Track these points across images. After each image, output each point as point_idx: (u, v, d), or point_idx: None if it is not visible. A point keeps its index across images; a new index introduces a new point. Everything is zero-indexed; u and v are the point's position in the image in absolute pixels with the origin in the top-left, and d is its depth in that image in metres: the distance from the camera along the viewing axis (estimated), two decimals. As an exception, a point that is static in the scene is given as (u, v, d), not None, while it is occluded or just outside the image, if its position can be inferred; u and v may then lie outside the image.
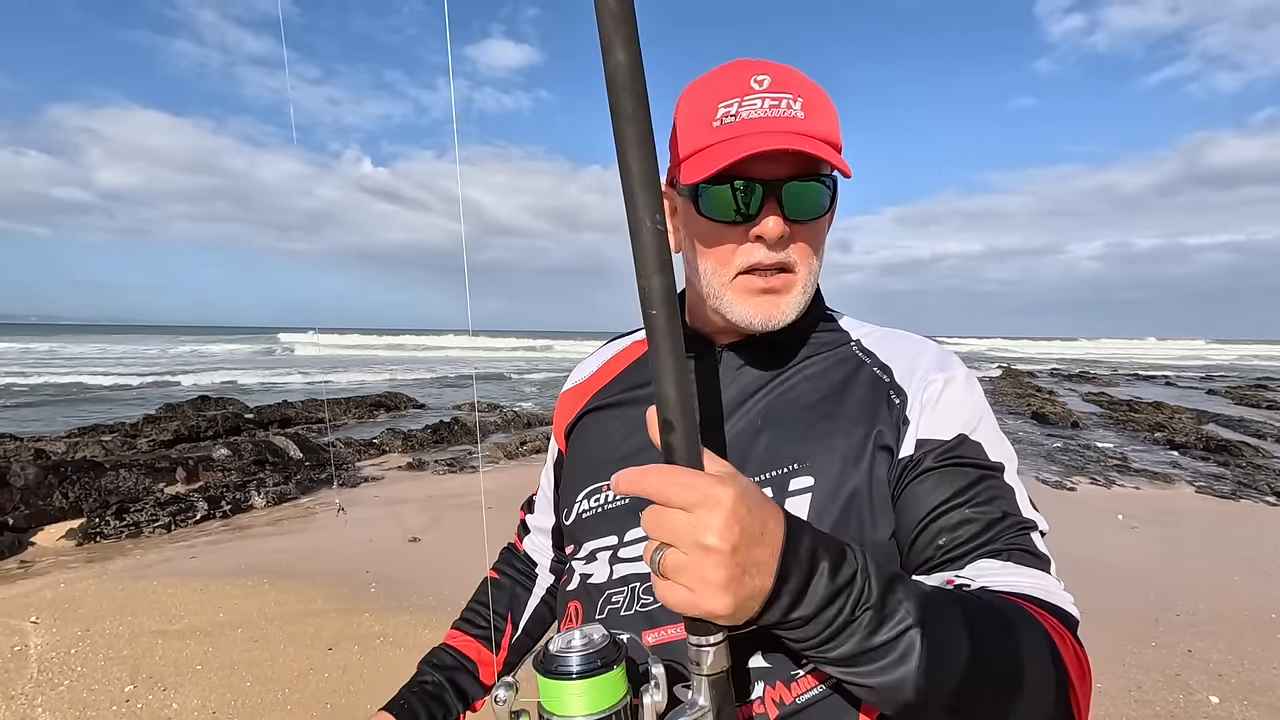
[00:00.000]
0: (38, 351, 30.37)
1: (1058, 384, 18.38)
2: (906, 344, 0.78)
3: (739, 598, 0.47)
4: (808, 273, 0.71)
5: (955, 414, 0.69)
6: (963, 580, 0.61)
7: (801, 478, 0.68)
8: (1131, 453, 8.55)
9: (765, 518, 0.49)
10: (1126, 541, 5.09)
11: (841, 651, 0.50)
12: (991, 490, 0.66)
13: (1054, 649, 0.54)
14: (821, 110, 0.68)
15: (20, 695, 2.78)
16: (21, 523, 5.14)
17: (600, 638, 0.55)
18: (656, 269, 0.51)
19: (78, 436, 8.25)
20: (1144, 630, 3.54)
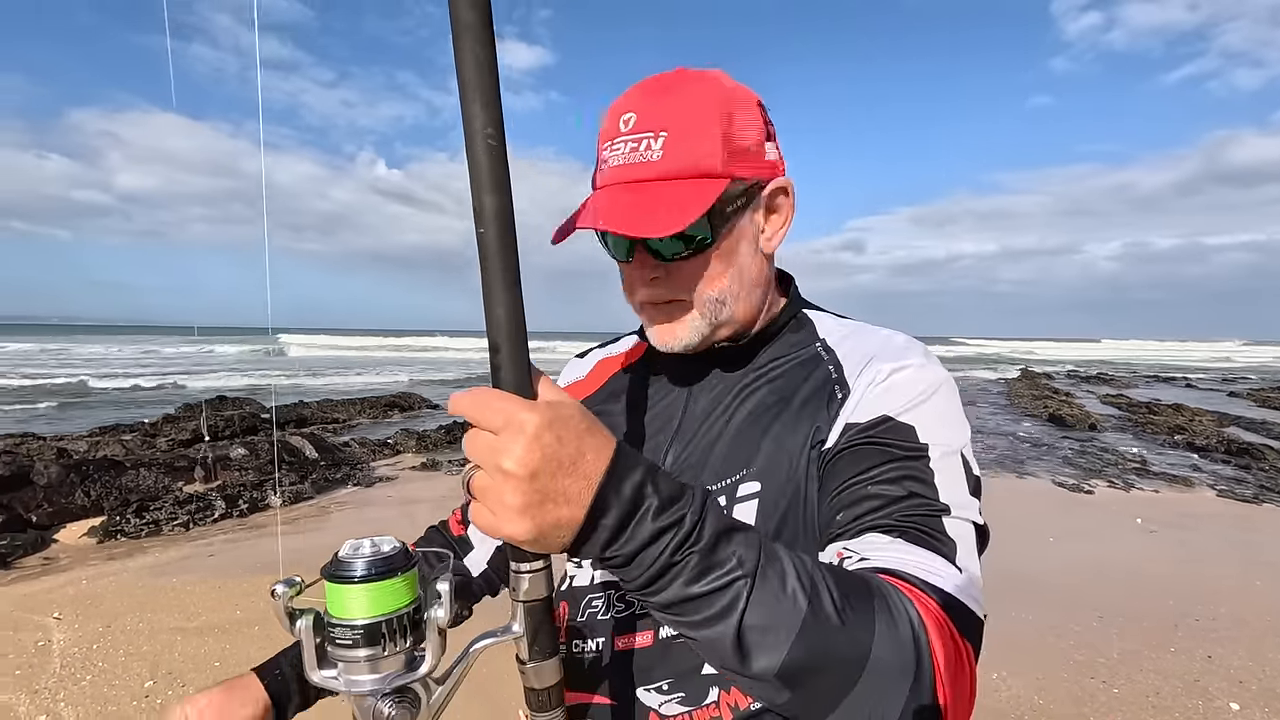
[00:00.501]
0: (59, 352, 30.88)
1: (1075, 386, 18.17)
2: (870, 339, 0.76)
3: (540, 525, 0.46)
4: (703, 301, 0.72)
5: (887, 399, 0.67)
6: (849, 553, 0.59)
7: (750, 483, 0.70)
8: (1151, 455, 8.44)
9: (582, 448, 0.47)
10: (1145, 545, 5.02)
11: (664, 597, 0.48)
12: (902, 469, 0.63)
13: (916, 632, 0.50)
14: (691, 137, 0.67)
15: (44, 690, 2.84)
16: (44, 520, 5.23)
17: (390, 548, 0.54)
18: (490, 187, 0.49)
19: (98, 436, 8.38)
20: (1163, 635, 3.49)
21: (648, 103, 0.69)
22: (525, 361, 0.51)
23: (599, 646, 0.75)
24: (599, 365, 0.95)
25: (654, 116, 0.68)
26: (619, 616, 0.74)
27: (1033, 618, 3.68)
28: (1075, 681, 3.05)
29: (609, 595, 0.75)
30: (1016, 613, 3.74)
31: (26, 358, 27.32)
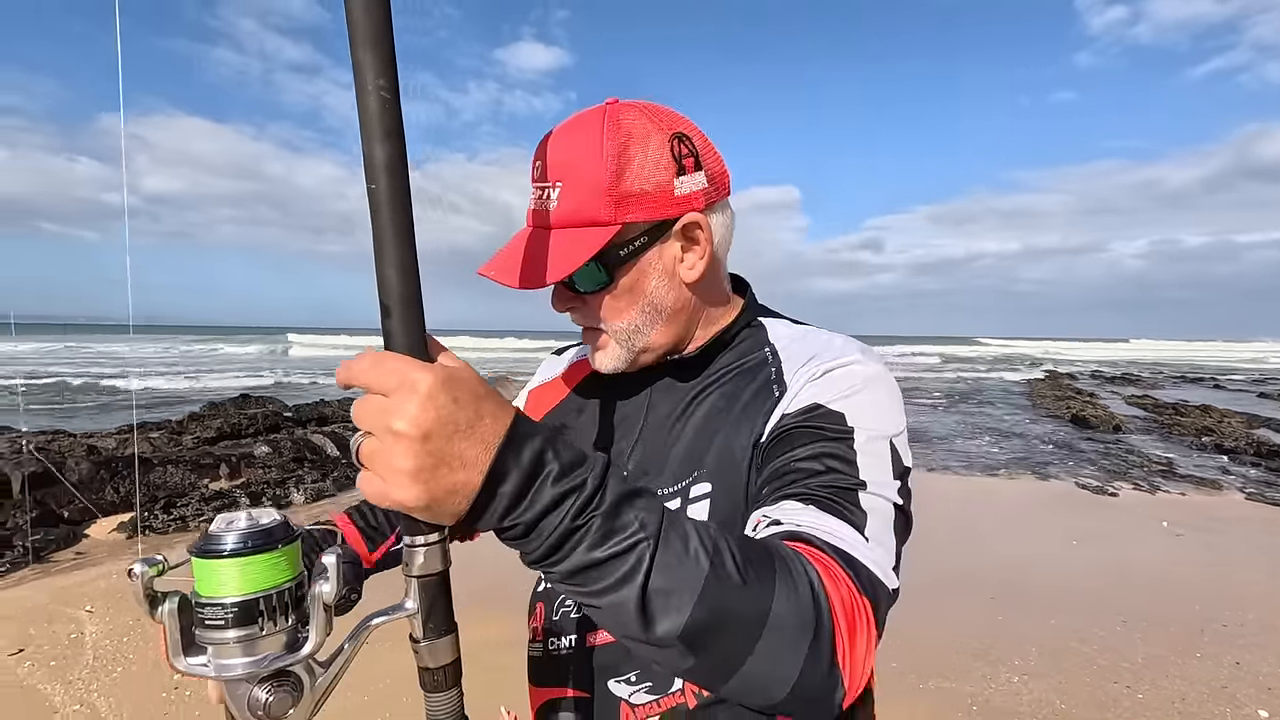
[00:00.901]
0: (83, 350, 31.56)
1: (1099, 386, 17.88)
2: (813, 342, 0.79)
3: (433, 491, 0.44)
4: (621, 328, 0.77)
5: (818, 390, 0.70)
6: (764, 518, 0.61)
7: (702, 484, 0.74)
8: (1177, 457, 8.29)
9: (480, 411, 0.45)
10: (1171, 549, 4.94)
11: (566, 565, 0.47)
12: (825, 448, 0.65)
13: (816, 592, 0.51)
14: (581, 184, 0.71)
15: (78, 680, 2.91)
16: (75, 516, 5.37)
17: (269, 520, 0.50)
18: (379, 137, 0.47)
19: (126, 433, 8.56)
20: (1189, 640, 3.44)
21: (551, 151, 0.73)
22: (419, 323, 0.49)
23: (572, 643, 0.79)
24: (573, 367, 0.99)
25: (552, 167, 0.72)
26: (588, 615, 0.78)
27: (1055, 621, 3.64)
28: (1098, 686, 3.01)
29: None
30: (1038, 616, 3.70)
31: (54, 356, 27.97)
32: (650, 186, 0.71)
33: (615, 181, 0.70)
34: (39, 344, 36.41)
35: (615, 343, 0.78)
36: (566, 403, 0.94)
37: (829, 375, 0.71)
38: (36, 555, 4.52)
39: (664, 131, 0.72)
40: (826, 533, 0.57)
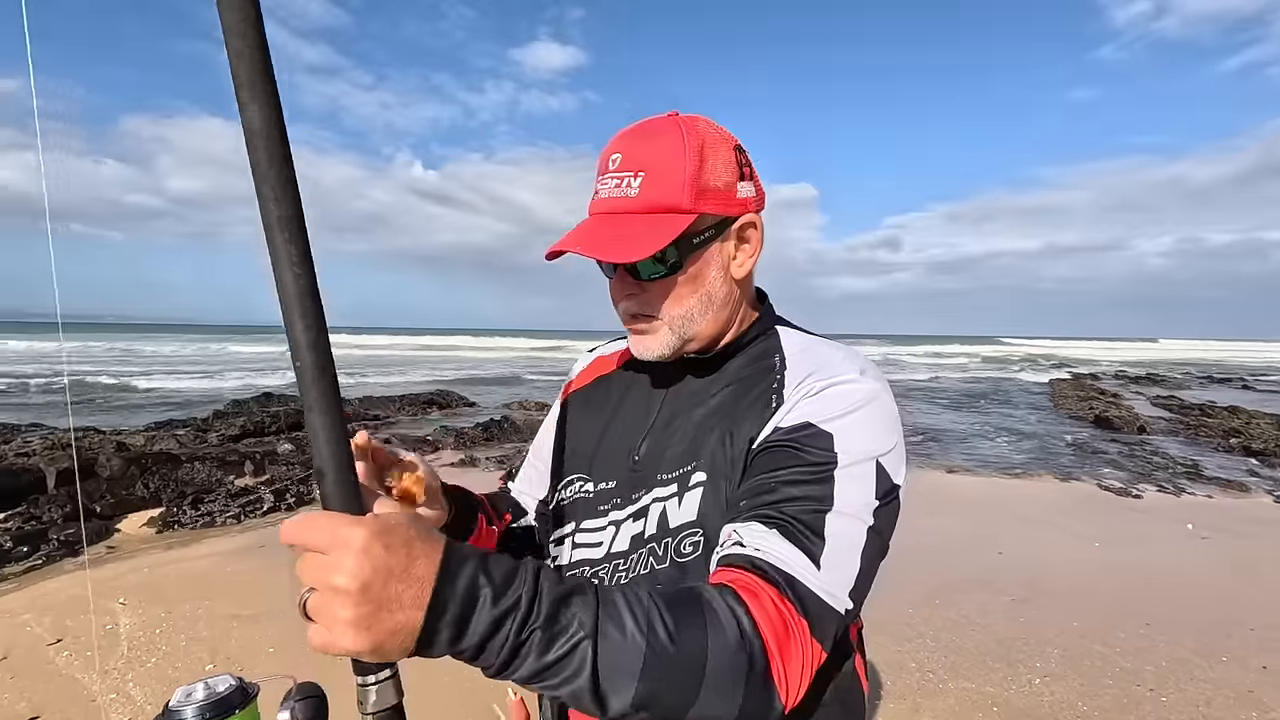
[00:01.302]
0: (115, 351, 32.20)
1: (1123, 387, 17.61)
2: (816, 355, 0.83)
3: (377, 635, 0.47)
4: (673, 317, 0.82)
5: (812, 408, 0.74)
6: (734, 535, 0.68)
7: (699, 474, 0.80)
8: (1204, 459, 8.16)
9: (413, 554, 0.49)
10: (1196, 552, 4.87)
11: (521, 674, 0.52)
12: (805, 472, 0.70)
13: (744, 630, 0.57)
14: (664, 177, 0.76)
15: (114, 670, 3.00)
16: (108, 511, 5.50)
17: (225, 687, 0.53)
18: (299, 315, 0.50)
19: (154, 431, 8.75)
20: (1214, 644, 3.39)
21: (631, 146, 0.79)
22: (350, 484, 0.52)
23: None
24: (596, 361, 1.07)
25: (635, 158, 0.78)
26: None
27: (1077, 624, 3.61)
28: (1121, 688, 2.99)
29: (583, 571, 0.86)
30: (1060, 618, 3.67)
31: (85, 355, 28.57)
32: (721, 185, 0.78)
33: (696, 174, 0.77)
34: (73, 343, 37.22)
35: (668, 329, 0.82)
36: (595, 388, 1.02)
37: (823, 394, 0.75)
38: (71, 549, 4.65)
39: (728, 141, 0.81)
40: (779, 559, 0.64)
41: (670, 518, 0.80)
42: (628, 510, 0.85)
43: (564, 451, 0.99)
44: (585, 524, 0.89)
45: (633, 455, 0.88)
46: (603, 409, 0.97)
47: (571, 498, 0.93)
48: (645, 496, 0.83)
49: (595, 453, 0.93)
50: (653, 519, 0.81)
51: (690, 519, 0.78)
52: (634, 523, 0.83)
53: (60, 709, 2.71)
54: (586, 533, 0.88)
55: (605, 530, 0.86)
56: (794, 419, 0.74)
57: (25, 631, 3.34)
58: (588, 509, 0.89)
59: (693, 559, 0.77)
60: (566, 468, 0.97)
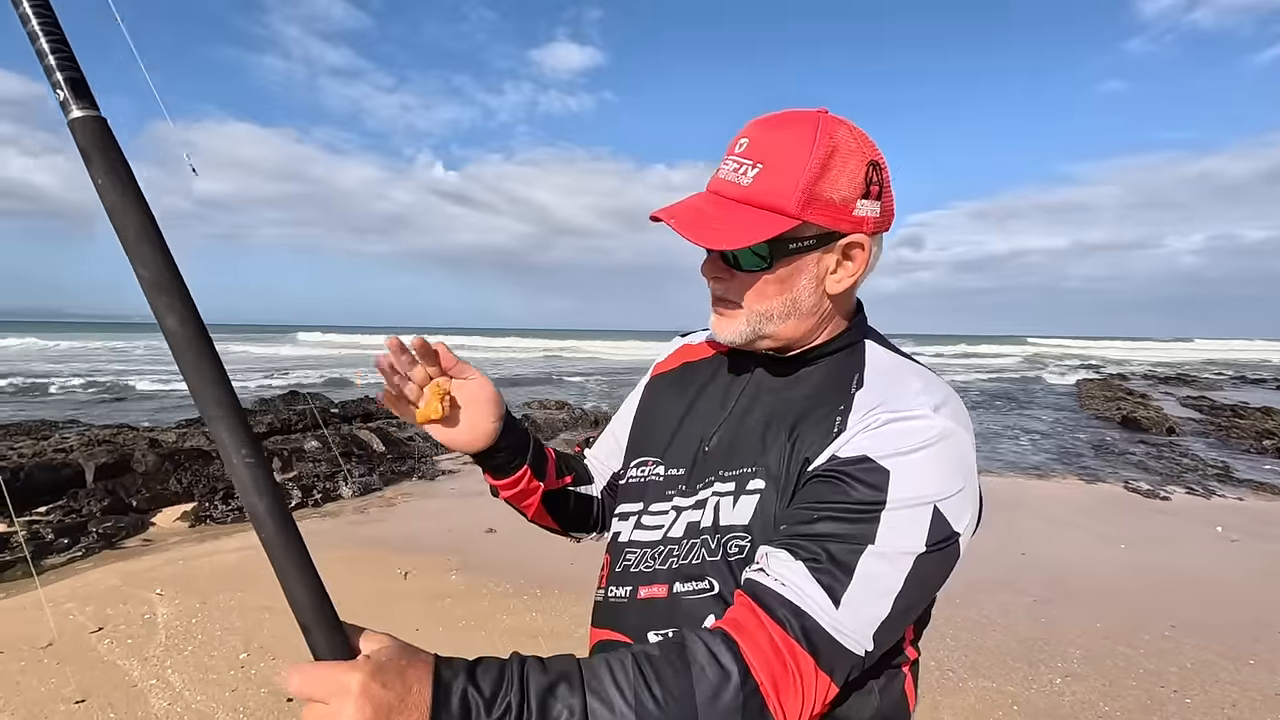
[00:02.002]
0: (151, 349, 32.96)
1: (1152, 387, 17.27)
2: (894, 380, 0.80)
3: None
4: (752, 310, 0.82)
5: (873, 442, 0.71)
6: (762, 559, 0.70)
7: (757, 480, 0.80)
8: (1235, 461, 8.00)
9: (407, 684, 0.54)
10: (1225, 554, 4.80)
11: None
12: (852, 511, 0.68)
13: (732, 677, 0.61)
14: (780, 176, 0.75)
15: (152, 658, 3.11)
16: (143, 505, 5.68)
17: None
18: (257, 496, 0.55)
19: (185, 428, 8.97)
20: (1242, 647, 3.35)
21: (760, 135, 0.79)
22: (335, 628, 0.56)
23: (626, 594, 0.87)
24: (682, 348, 1.08)
25: (759, 148, 0.78)
26: (643, 570, 0.86)
27: (1101, 625, 3.59)
28: (1145, 690, 2.97)
29: (640, 552, 0.89)
30: (1083, 619, 3.65)
31: (118, 354, 29.29)
32: (838, 198, 0.77)
33: (813, 182, 0.76)
34: (105, 342, 38.18)
35: (746, 320, 0.83)
36: (683, 374, 1.03)
37: (888, 428, 0.72)
38: (109, 541, 4.80)
39: (864, 156, 0.78)
40: (795, 594, 0.65)
41: (723, 516, 0.81)
42: (690, 499, 0.86)
43: (642, 431, 1.01)
44: (653, 506, 0.90)
45: (704, 444, 0.88)
46: (684, 395, 0.98)
47: (642, 478, 0.94)
48: (707, 489, 0.84)
49: (672, 437, 0.94)
50: (709, 512, 0.82)
51: (741, 523, 0.79)
52: (694, 512, 0.85)
53: (104, 693, 2.82)
54: (652, 515, 0.90)
55: (667, 514, 0.88)
56: (852, 450, 0.72)
57: (69, 619, 3.47)
58: (657, 492, 0.91)
59: (738, 560, 0.78)
60: (642, 448, 0.98)
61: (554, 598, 3.80)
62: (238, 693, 2.84)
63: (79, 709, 2.71)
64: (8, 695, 2.80)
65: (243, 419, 0.55)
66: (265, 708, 2.74)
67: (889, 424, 0.72)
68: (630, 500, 0.95)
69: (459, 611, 3.66)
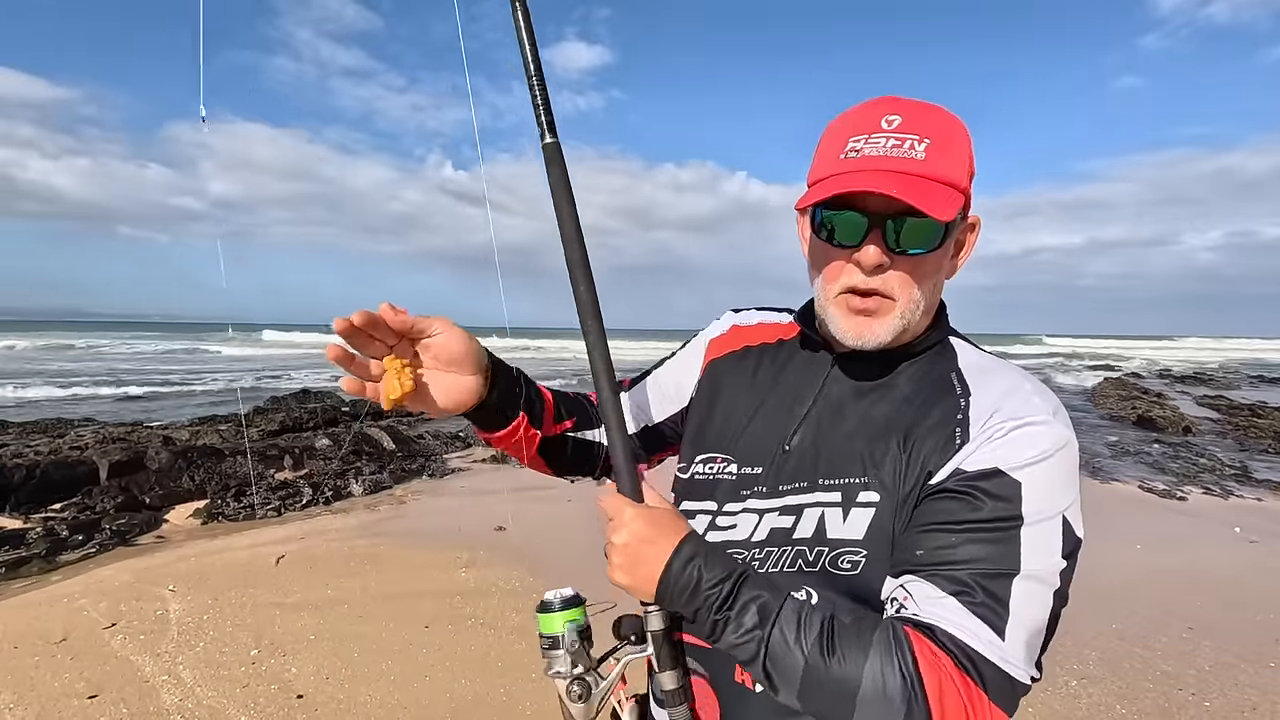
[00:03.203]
0: (172, 350, 33.28)
1: (1168, 386, 17.06)
2: (1002, 381, 0.76)
3: (634, 578, 0.74)
4: (907, 301, 0.76)
5: (1002, 452, 0.69)
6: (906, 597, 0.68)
7: (869, 492, 0.75)
8: (1253, 461, 7.88)
9: (662, 532, 0.74)
10: (1244, 556, 4.72)
11: (720, 644, 0.70)
12: (990, 531, 0.66)
13: (909, 681, 0.61)
14: (948, 152, 0.73)
15: (165, 653, 3.13)
16: (156, 502, 5.72)
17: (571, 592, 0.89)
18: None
19: (197, 426, 9.04)
20: (1262, 649, 3.29)
21: (911, 111, 0.74)
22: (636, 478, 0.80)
23: None
24: (734, 330, 1.01)
25: (919, 123, 0.73)
26: None
27: (1117, 626, 3.54)
28: (1162, 692, 2.93)
29: None
30: (1098, 621, 3.60)
31: (134, 355, 29.59)
32: (972, 174, 0.77)
33: (970, 156, 0.76)
34: (123, 341, 38.63)
35: (899, 314, 0.76)
36: (744, 358, 0.96)
37: (1015, 435, 0.69)
38: (123, 538, 4.84)
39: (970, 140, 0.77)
40: (958, 629, 0.64)
41: (829, 528, 0.76)
42: (774, 503, 0.81)
43: (707, 421, 0.94)
44: (727, 506, 0.86)
45: (783, 445, 0.83)
46: (752, 386, 0.92)
47: (712, 476, 0.89)
48: (799, 495, 0.80)
49: (743, 434, 0.88)
50: (808, 522, 0.78)
51: (855, 537, 0.74)
52: (780, 517, 0.80)
53: (116, 688, 2.84)
54: (726, 515, 0.86)
55: (745, 516, 0.84)
56: (979, 463, 0.69)
57: (83, 615, 3.50)
58: (730, 491, 0.86)
59: (848, 575, 0.74)
60: (709, 441, 0.92)
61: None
62: (249, 689, 2.85)
63: (91, 704, 2.73)
64: (22, 691, 2.82)
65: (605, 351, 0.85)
66: (275, 704, 2.75)
67: (1014, 431, 0.70)
68: (698, 498, 0.89)
69: (468, 609, 3.66)
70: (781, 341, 0.95)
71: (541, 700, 2.80)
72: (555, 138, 0.83)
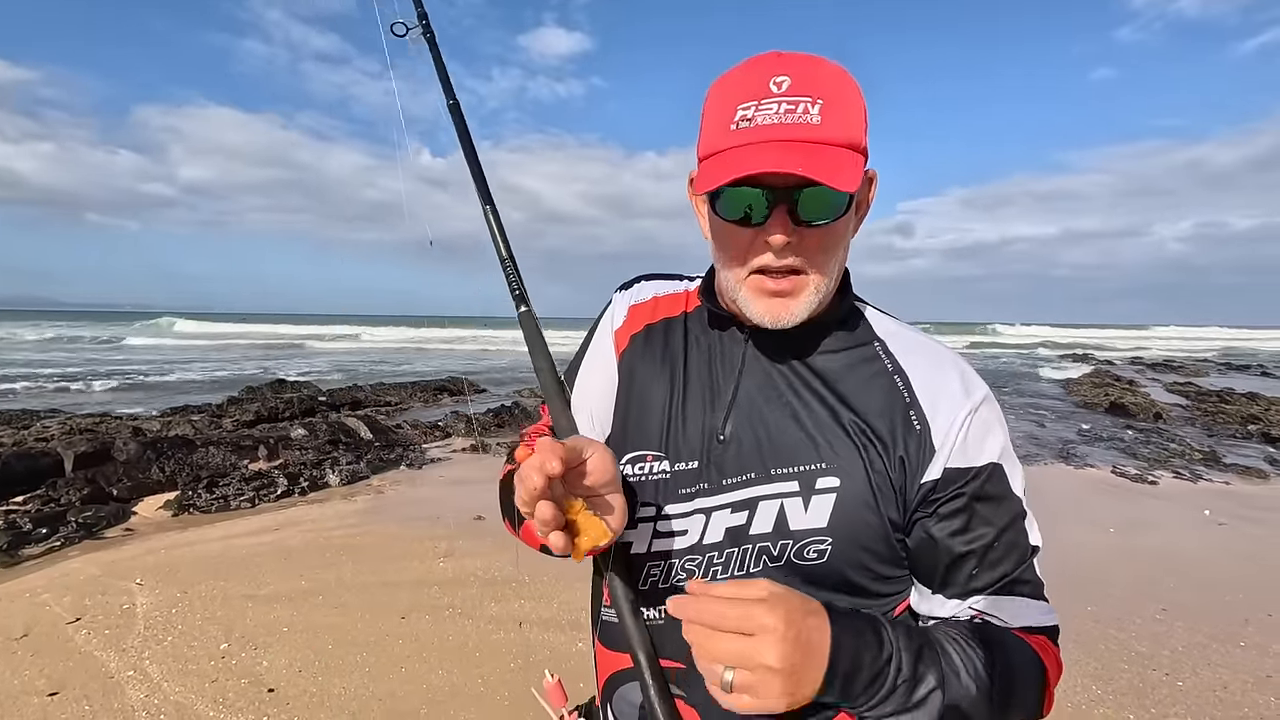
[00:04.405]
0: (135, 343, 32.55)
1: (1139, 374, 17.39)
2: (927, 355, 0.78)
3: (796, 700, 0.59)
4: (820, 276, 0.72)
5: (983, 443, 0.73)
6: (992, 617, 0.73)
7: (828, 477, 0.72)
8: (1221, 446, 8.05)
9: (811, 633, 0.59)
10: (1214, 538, 4.81)
11: (882, 711, 0.63)
12: (1014, 532, 0.74)
13: (1043, 671, 0.71)
14: (843, 111, 0.67)
15: (131, 648, 3.04)
16: (125, 493, 5.57)
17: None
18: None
19: (169, 416, 8.85)
20: (1232, 630, 3.35)
21: (801, 69, 0.68)
22: None
23: (662, 613, 0.77)
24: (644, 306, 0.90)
25: (810, 83, 0.67)
26: (678, 585, 0.78)
27: (1092, 608, 3.58)
28: (1136, 673, 2.96)
29: (666, 564, 0.79)
30: (1072, 604, 3.64)
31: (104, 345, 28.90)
32: (864, 130, 0.70)
33: (863, 110, 0.70)
34: (94, 331, 37.69)
35: (814, 288, 0.72)
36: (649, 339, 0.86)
37: (978, 422, 0.73)
38: (89, 531, 4.71)
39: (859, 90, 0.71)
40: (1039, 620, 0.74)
41: (791, 519, 0.73)
42: (722, 499, 0.76)
43: (627, 418, 0.84)
44: (667, 509, 0.79)
45: (715, 435, 0.77)
46: (663, 370, 0.83)
47: (644, 477, 0.80)
48: (750, 488, 0.75)
49: (668, 426, 0.80)
50: (765, 516, 0.73)
51: (819, 525, 0.72)
52: (733, 515, 0.75)
53: (79, 685, 2.75)
54: (667, 520, 0.79)
55: (692, 518, 0.77)
56: (973, 458, 0.72)
57: (45, 610, 3.39)
58: (667, 492, 0.79)
59: (813, 565, 0.72)
60: (633, 439, 0.82)
61: (542, 585, 3.74)
62: (218, 683, 2.78)
63: (52, 702, 2.64)
64: (-21, 688, 2.73)
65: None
66: (246, 698, 2.68)
67: (975, 416, 0.73)
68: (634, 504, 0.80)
69: (446, 599, 3.61)
70: (686, 315, 0.87)
71: (520, 689, 2.76)
72: (529, 308, 0.95)
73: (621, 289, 0.94)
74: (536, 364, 0.89)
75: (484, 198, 1.03)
